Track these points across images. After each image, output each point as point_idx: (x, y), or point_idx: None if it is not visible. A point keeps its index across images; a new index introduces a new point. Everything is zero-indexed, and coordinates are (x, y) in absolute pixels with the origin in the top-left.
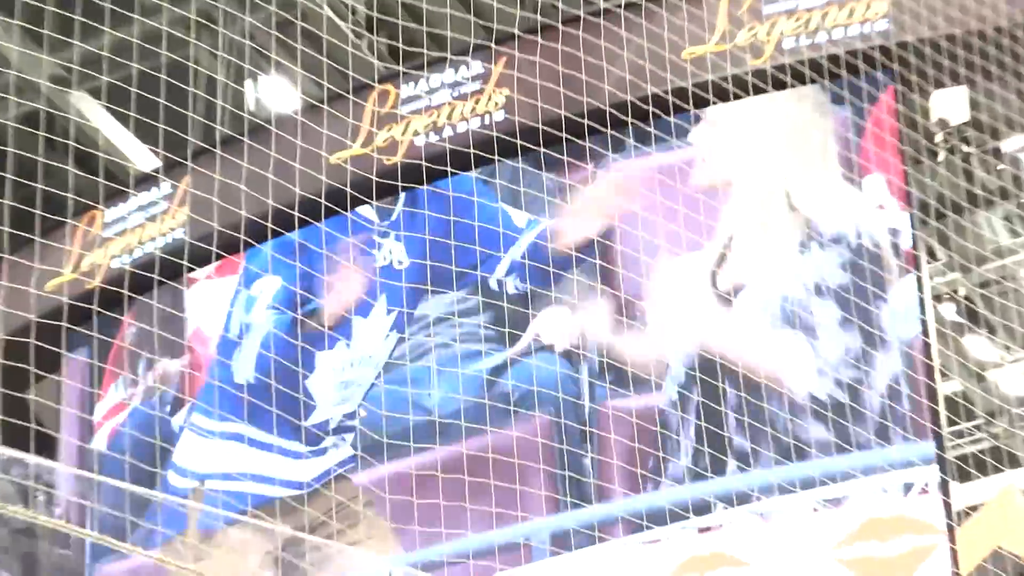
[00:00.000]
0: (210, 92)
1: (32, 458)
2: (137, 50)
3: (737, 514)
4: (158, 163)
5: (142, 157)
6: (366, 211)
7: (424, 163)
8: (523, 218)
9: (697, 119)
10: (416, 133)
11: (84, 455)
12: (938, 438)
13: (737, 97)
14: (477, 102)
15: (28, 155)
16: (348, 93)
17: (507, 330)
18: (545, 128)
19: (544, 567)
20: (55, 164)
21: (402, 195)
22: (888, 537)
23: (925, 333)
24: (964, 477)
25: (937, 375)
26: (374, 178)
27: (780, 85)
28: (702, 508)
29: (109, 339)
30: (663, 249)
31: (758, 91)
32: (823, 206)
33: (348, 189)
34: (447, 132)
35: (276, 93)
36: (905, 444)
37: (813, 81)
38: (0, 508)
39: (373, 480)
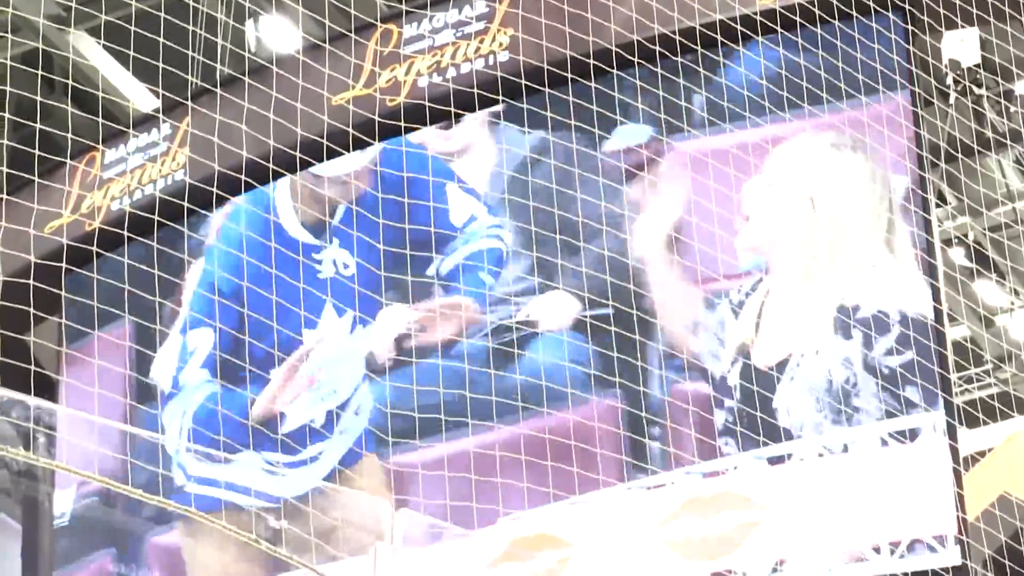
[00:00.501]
0: (210, 31)
1: (33, 400)
2: None
3: (742, 459)
4: (157, 103)
5: (141, 97)
6: (301, 234)
7: (428, 104)
8: (464, 213)
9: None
10: (419, 73)
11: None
12: (945, 383)
13: (746, 38)
14: (481, 42)
15: (26, 95)
16: (350, 32)
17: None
18: (550, 68)
19: (549, 511)
20: (54, 104)
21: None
22: (894, 482)
23: (934, 277)
24: (971, 423)
25: (945, 320)
26: (377, 118)
27: (789, 25)
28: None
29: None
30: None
31: (767, 31)
32: (872, 293)
33: (351, 130)
34: (451, 73)
35: (277, 32)
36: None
37: (823, 21)
38: (0, 450)
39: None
